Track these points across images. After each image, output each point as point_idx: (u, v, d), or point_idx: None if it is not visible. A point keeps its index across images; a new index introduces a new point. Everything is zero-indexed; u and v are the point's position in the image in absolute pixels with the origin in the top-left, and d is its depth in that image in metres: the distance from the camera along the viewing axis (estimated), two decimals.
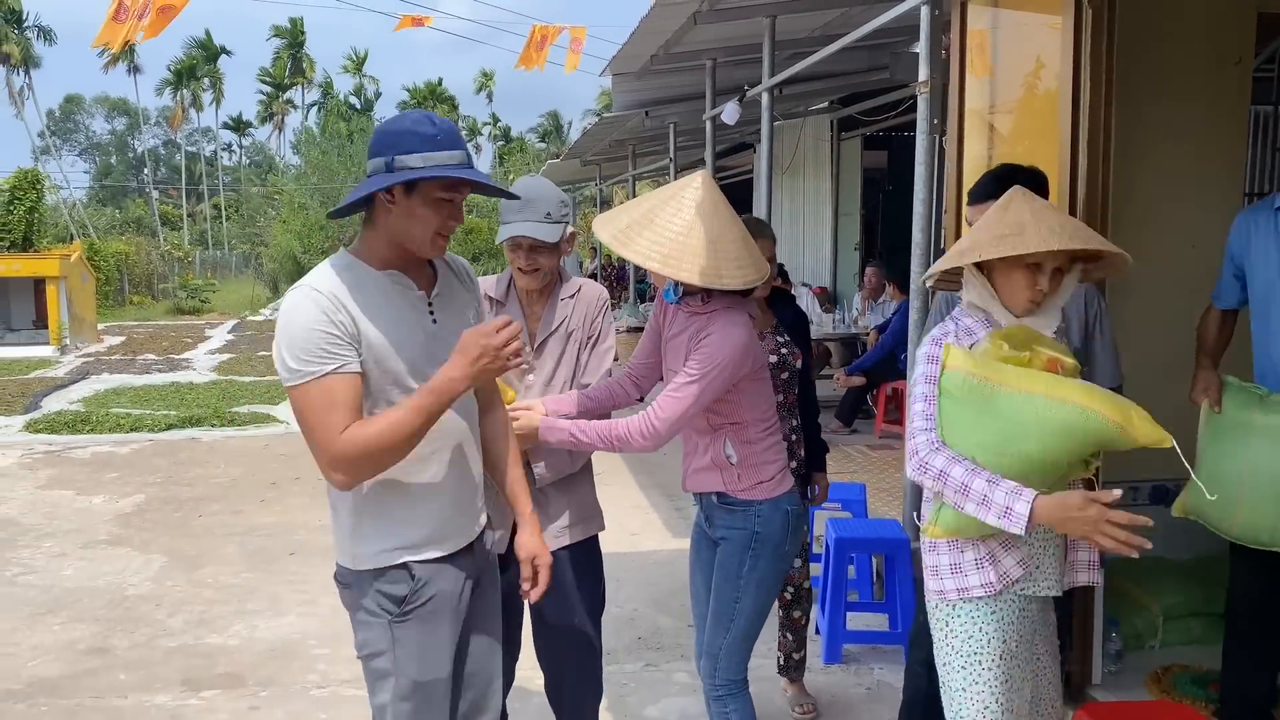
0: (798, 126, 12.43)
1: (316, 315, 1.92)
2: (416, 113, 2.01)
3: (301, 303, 1.93)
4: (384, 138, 1.97)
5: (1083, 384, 2.08)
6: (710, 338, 2.45)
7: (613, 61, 7.56)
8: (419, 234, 2.00)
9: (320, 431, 1.92)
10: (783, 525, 2.61)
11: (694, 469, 2.66)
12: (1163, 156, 3.76)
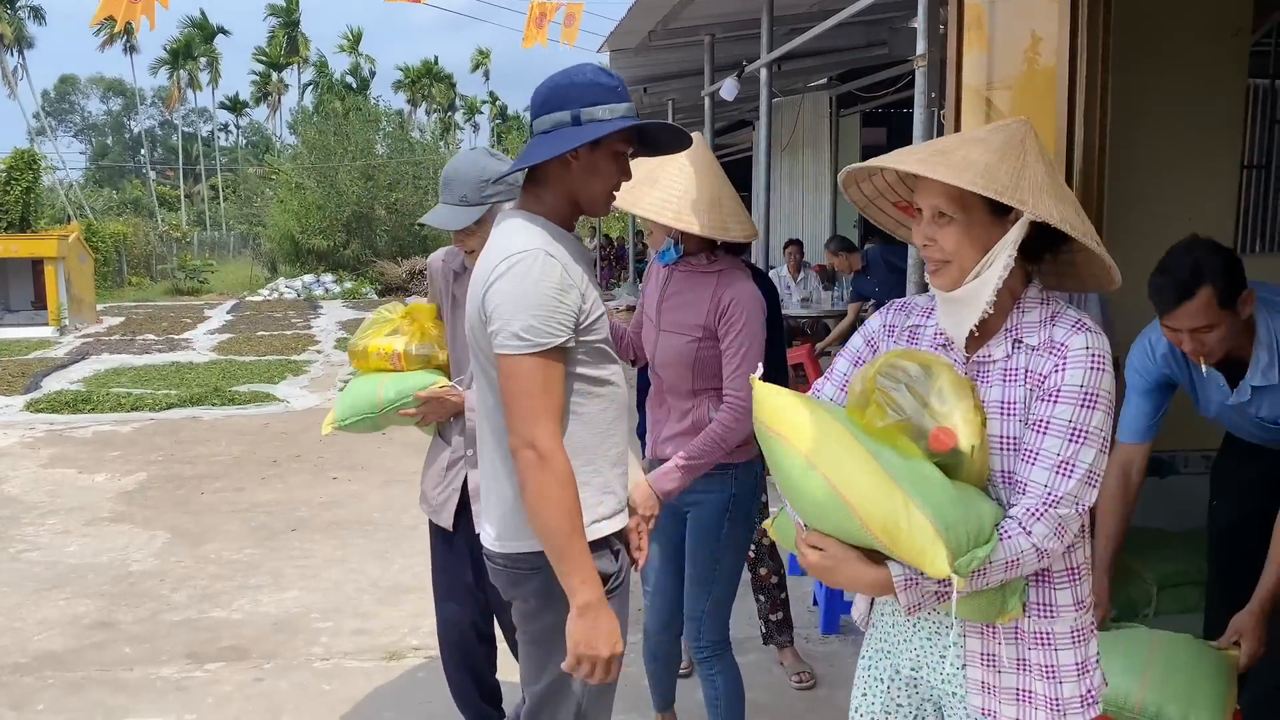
0: (796, 103, 12.39)
1: (556, 285, 1.81)
2: (589, 65, 1.94)
3: (547, 267, 1.81)
4: (564, 90, 1.88)
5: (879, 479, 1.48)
6: (736, 302, 2.50)
7: (610, 37, 7.54)
8: (599, 190, 1.92)
9: (532, 403, 1.79)
10: (754, 487, 2.69)
11: (668, 435, 2.65)
12: (1160, 130, 3.76)
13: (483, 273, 1.88)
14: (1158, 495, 3.89)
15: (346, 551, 5.19)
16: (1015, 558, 1.52)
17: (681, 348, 2.59)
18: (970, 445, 1.52)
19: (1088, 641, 1.66)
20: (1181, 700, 2.26)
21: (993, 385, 1.61)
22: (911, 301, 1.83)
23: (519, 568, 1.95)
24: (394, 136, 29.30)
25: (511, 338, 1.79)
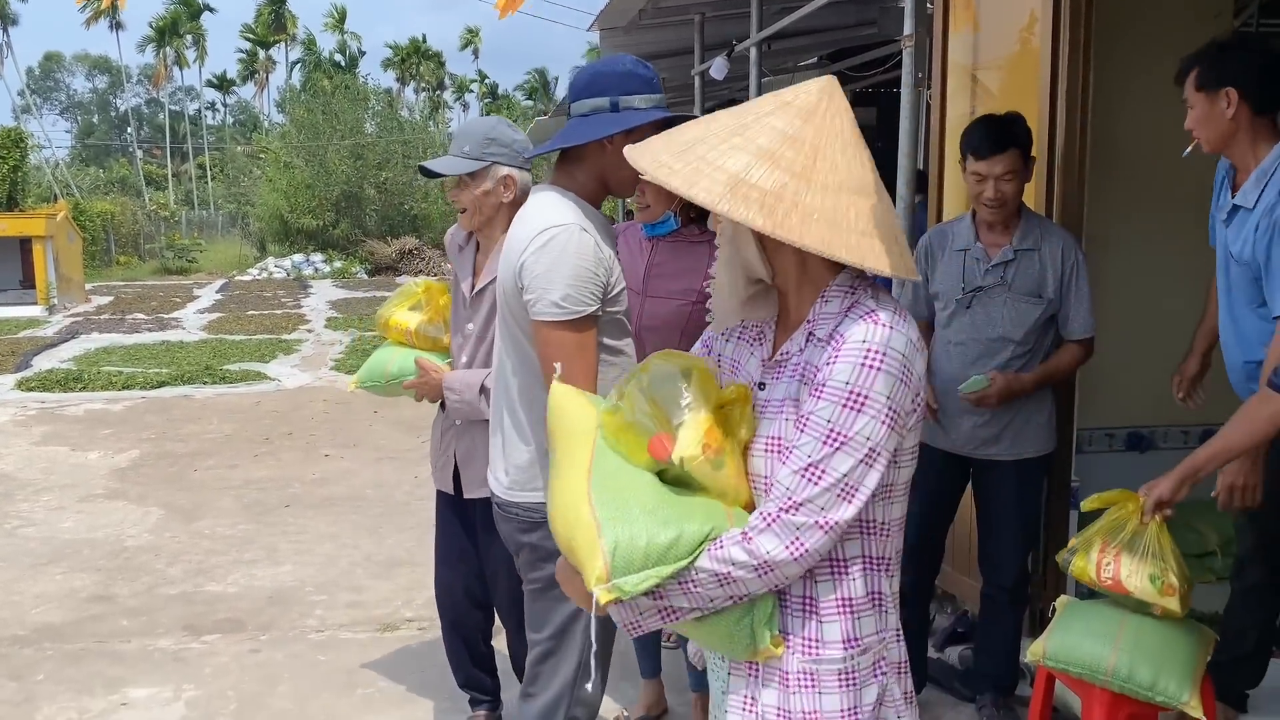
0: (786, 83, 12.37)
1: (593, 256, 1.95)
2: (627, 57, 2.06)
3: (582, 241, 1.94)
4: (604, 78, 2.00)
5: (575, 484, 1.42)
6: None
7: (600, 16, 7.54)
8: (628, 174, 2.00)
9: (569, 367, 1.83)
10: None
11: None
12: (1142, 111, 3.82)
13: (518, 241, 1.99)
14: (1137, 469, 3.97)
15: (339, 526, 5.25)
16: (725, 571, 1.33)
17: (672, 312, 2.72)
18: (680, 458, 1.38)
19: (860, 688, 1.42)
20: (1152, 664, 2.34)
21: (780, 383, 1.44)
22: None
23: (531, 516, 2.07)
24: (383, 115, 29.18)
25: (551, 306, 1.92)
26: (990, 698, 3.12)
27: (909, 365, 1.34)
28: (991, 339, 2.90)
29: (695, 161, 1.35)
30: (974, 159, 2.86)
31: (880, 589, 1.44)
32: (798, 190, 1.31)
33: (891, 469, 1.39)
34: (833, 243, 1.30)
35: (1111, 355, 3.61)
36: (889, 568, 1.45)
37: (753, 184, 1.30)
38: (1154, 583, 2.33)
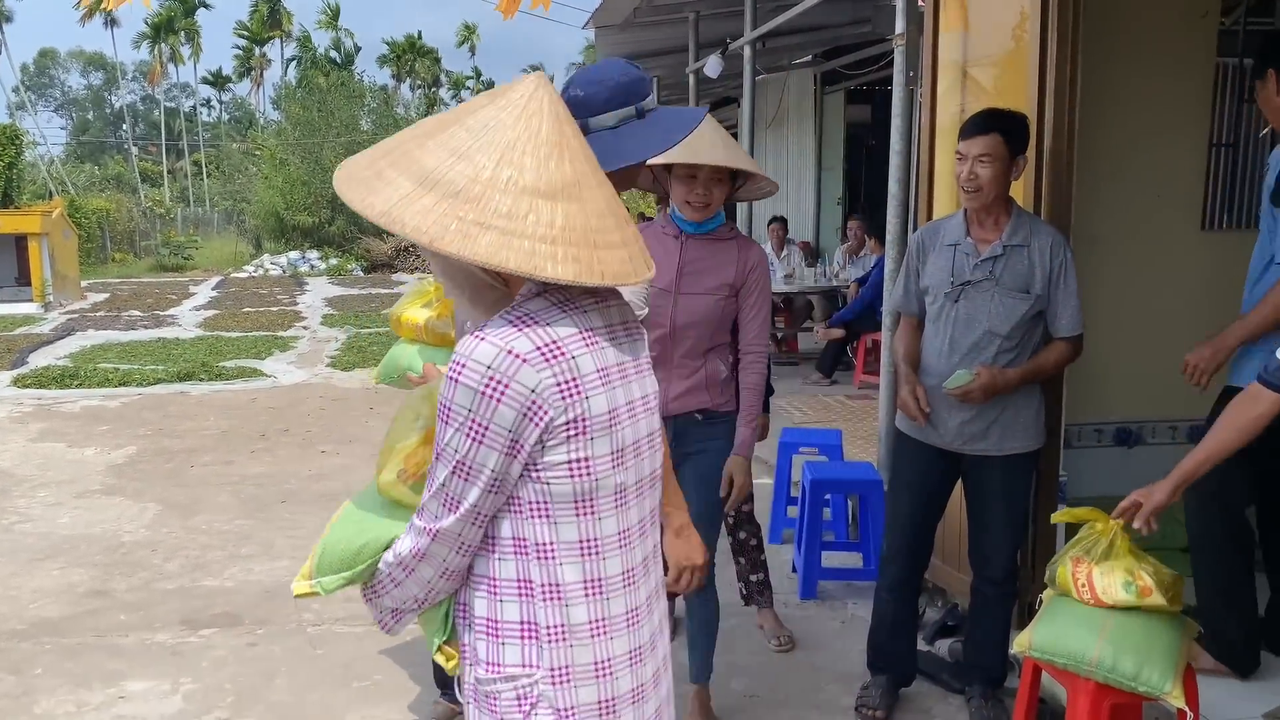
0: (781, 81, 12.43)
1: None
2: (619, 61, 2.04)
3: None
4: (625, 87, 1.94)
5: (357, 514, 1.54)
6: (760, 263, 2.89)
7: (596, 14, 7.58)
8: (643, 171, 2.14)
9: None
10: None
11: (678, 393, 2.88)
12: (1130, 109, 3.86)
13: None
14: (1124, 464, 4.02)
15: None
16: (387, 571, 1.43)
17: (709, 307, 2.86)
18: (379, 483, 1.51)
19: (501, 716, 1.39)
20: (1136, 655, 2.38)
21: None
22: None
23: None
24: (378, 112, 29.15)
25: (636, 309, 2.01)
26: (979, 689, 3.16)
27: (498, 378, 1.28)
28: (978, 334, 2.93)
29: (378, 172, 1.33)
30: (960, 141, 2.95)
31: (535, 619, 1.36)
32: (474, 198, 1.27)
33: (530, 485, 1.34)
34: (502, 252, 1.26)
35: (1100, 351, 3.65)
36: (558, 596, 1.35)
37: (422, 196, 1.27)
38: (1128, 589, 2.41)
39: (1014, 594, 3.18)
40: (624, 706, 1.40)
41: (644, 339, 1.55)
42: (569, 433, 1.32)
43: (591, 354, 1.35)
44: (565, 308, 1.37)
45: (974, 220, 2.99)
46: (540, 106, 1.35)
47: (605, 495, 1.37)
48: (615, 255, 1.34)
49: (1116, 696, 2.44)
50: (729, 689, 3.38)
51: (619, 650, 1.39)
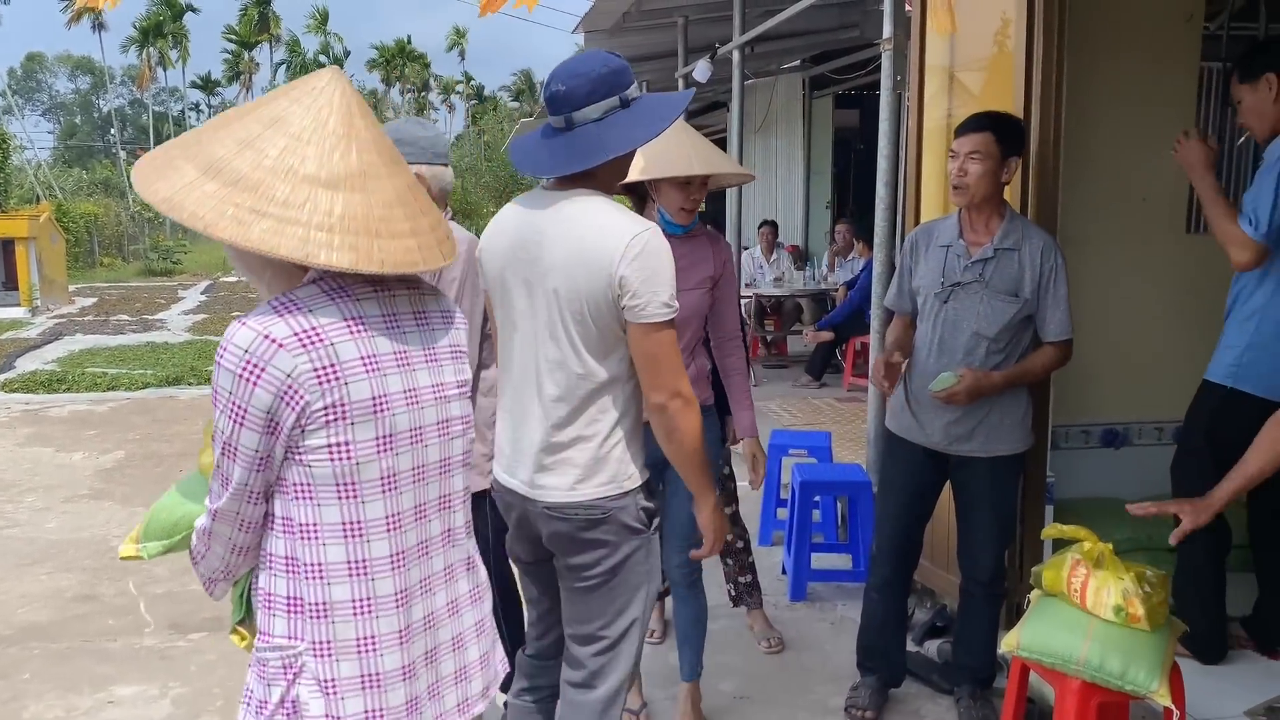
0: (770, 85, 12.47)
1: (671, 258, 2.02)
2: (601, 52, 2.08)
3: (665, 243, 2.00)
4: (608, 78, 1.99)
5: None
6: (730, 255, 3.02)
7: (585, 19, 7.59)
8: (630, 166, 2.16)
9: (675, 361, 2.01)
10: None
11: None
12: (1115, 113, 3.89)
13: (606, 250, 1.95)
14: (1111, 465, 4.05)
15: None
16: (196, 544, 1.50)
17: (697, 301, 2.92)
18: (202, 459, 1.69)
19: (268, 683, 1.43)
20: (1122, 655, 2.40)
21: None
22: None
23: (593, 513, 2.10)
24: None
25: (662, 307, 1.97)
26: (968, 689, 3.17)
27: (254, 362, 1.34)
28: (966, 335, 2.94)
29: (169, 160, 1.37)
30: (954, 139, 2.99)
31: (301, 595, 1.41)
32: (253, 186, 1.32)
33: (294, 468, 1.39)
34: (275, 239, 1.31)
35: (1087, 353, 3.67)
36: (320, 575, 1.41)
37: (205, 183, 1.32)
38: (1118, 614, 2.44)
39: (1002, 595, 3.20)
40: (392, 682, 1.45)
41: (451, 329, 1.58)
42: (327, 417, 1.36)
43: (356, 341, 1.39)
44: (335, 295, 1.41)
45: (967, 222, 3.00)
46: (331, 99, 1.41)
47: (369, 479, 1.41)
48: (400, 244, 1.39)
49: (1104, 695, 2.45)
50: (719, 690, 3.39)
51: (385, 629, 1.44)
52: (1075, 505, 3.80)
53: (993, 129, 2.91)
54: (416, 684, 1.49)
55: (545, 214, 2.05)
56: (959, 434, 2.98)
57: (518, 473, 2.15)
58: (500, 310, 2.15)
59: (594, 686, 2.19)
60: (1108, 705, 2.51)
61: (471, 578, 1.63)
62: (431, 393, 1.49)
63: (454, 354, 1.56)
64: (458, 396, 1.55)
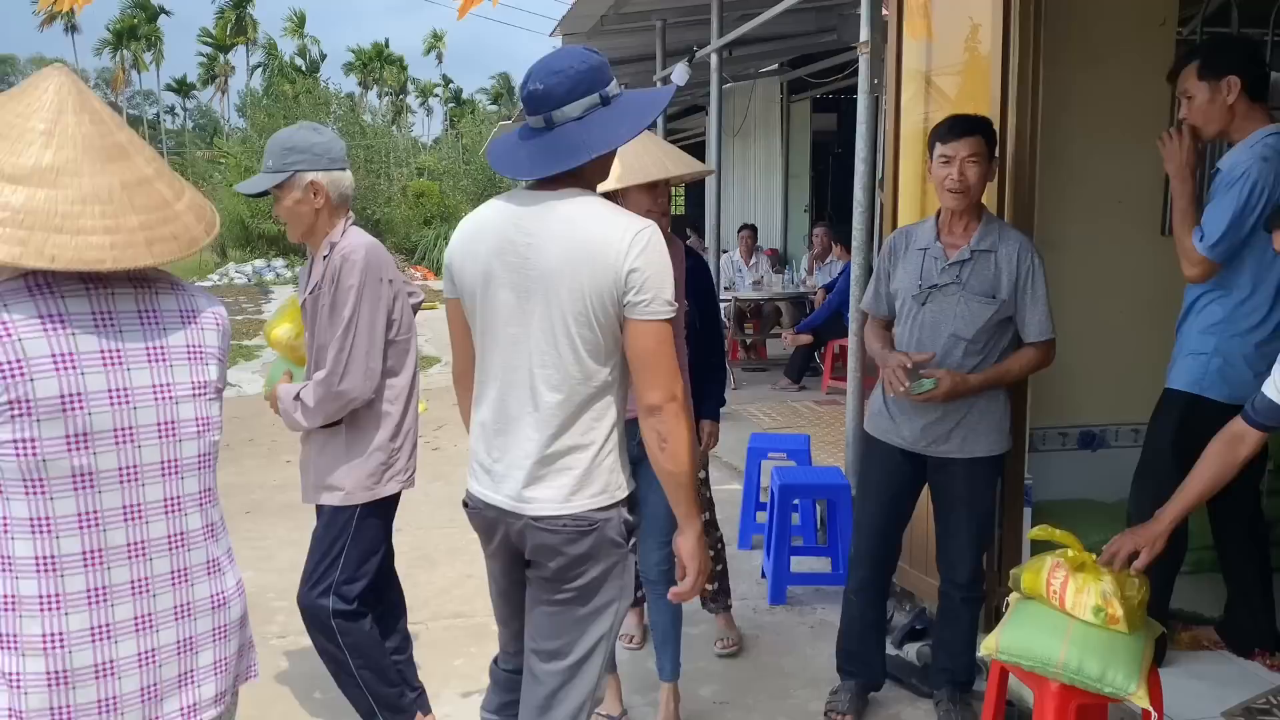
0: (748, 89, 12.49)
1: None
2: (579, 48, 2.03)
3: (663, 240, 1.98)
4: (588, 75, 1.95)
5: None
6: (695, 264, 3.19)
7: (563, 21, 7.58)
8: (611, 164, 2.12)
9: (673, 362, 1.96)
10: None
11: None
12: (1091, 116, 3.91)
13: (609, 246, 1.91)
14: (1088, 468, 4.07)
15: (301, 533, 5.18)
16: None
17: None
18: None
19: None
20: (1100, 657, 2.40)
21: None
22: None
23: (580, 524, 2.02)
24: (345, 120, 28.96)
25: (665, 304, 1.93)
26: (947, 693, 3.17)
27: None
28: (944, 337, 2.95)
29: None
30: (940, 144, 2.96)
31: (7, 591, 1.42)
32: None
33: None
34: None
35: (1063, 355, 3.67)
36: (9, 569, 1.42)
37: None
38: (1097, 615, 2.45)
39: (980, 597, 3.20)
40: (82, 680, 1.45)
41: (191, 328, 1.57)
42: (12, 413, 1.37)
43: (49, 338, 1.40)
44: (37, 291, 1.42)
45: (945, 225, 3.02)
46: (43, 98, 1.44)
47: (59, 477, 1.41)
48: (83, 241, 1.40)
49: (1082, 697, 2.46)
50: (698, 695, 3.37)
51: (75, 626, 1.43)
52: (1053, 507, 3.82)
53: (981, 131, 2.95)
54: (117, 684, 1.48)
55: (534, 214, 1.97)
56: (937, 435, 2.99)
57: (503, 487, 2.06)
58: (480, 316, 2.05)
59: (553, 708, 2.10)
60: (1086, 707, 2.51)
61: (215, 582, 1.62)
62: (152, 393, 1.49)
63: (192, 354, 1.56)
64: (192, 397, 1.55)
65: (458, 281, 2.08)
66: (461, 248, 2.06)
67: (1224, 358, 3.03)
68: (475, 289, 2.03)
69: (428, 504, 5.71)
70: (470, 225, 2.08)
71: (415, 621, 4.06)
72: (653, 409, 1.95)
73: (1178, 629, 3.44)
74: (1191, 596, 3.58)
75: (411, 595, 4.33)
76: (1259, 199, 2.88)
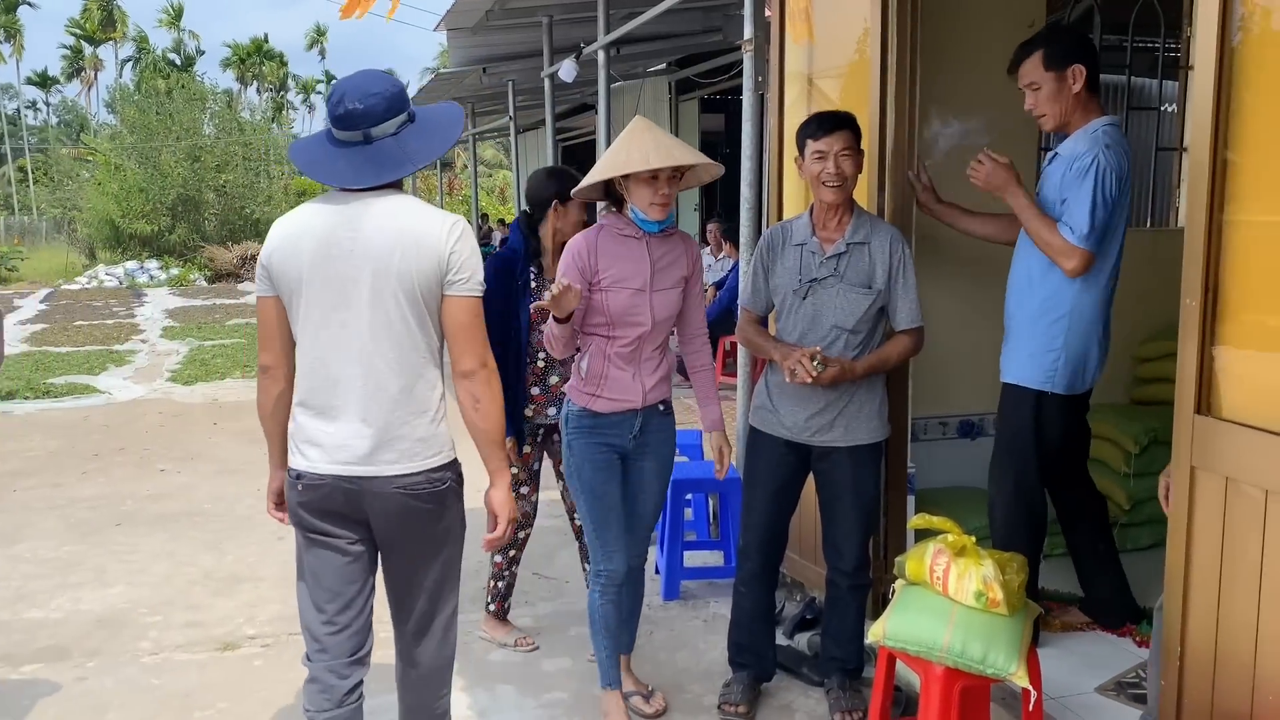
0: (637, 88, 12.53)
1: None
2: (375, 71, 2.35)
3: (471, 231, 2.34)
4: (401, 95, 2.30)
5: None
6: (700, 255, 3.11)
7: (447, 16, 7.44)
8: None
9: (484, 334, 2.31)
10: None
11: (651, 385, 3.03)
12: (966, 116, 4.03)
13: (433, 232, 2.23)
14: (968, 456, 4.19)
15: (177, 544, 4.99)
16: None
17: (675, 300, 3.02)
18: None
19: None
20: (982, 640, 2.47)
21: None
22: None
23: (434, 482, 2.31)
24: (221, 116, 27.94)
25: (478, 284, 2.28)
26: (837, 680, 3.21)
27: None
28: (825, 328, 3.01)
29: None
30: (812, 141, 3.02)
31: None
32: None
33: None
34: None
35: (943, 347, 3.79)
36: None
37: None
38: (979, 600, 2.52)
39: (867, 585, 3.26)
40: None
41: None
42: None
43: None
44: None
45: (819, 221, 3.07)
46: None
47: None
48: None
49: (966, 680, 2.52)
50: (591, 694, 3.34)
51: None
52: (935, 495, 3.92)
53: (850, 126, 3.02)
54: None
55: (357, 211, 2.24)
56: (819, 425, 3.04)
57: (340, 455, 2.26)
58: (305, 309, 2.25)
59: (419, 661, 2.45)
60: (970, 689, 2.58)
61: None
62: None
63: None
64: None
65: (276, 279, 2.29)
66: (283, 247, 2.27)
67: (1069, 351, 3.13)
68: (298, 284, 2.25)
69: None
70: (290, 227, 2.29)
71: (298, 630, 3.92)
72: (468, 374, 2.28)
73: (1052, 610, 3.57)
74: (1065, 578, 3.73)
75: (294, 604, 4.19)
76: (1113, 185, 2.99)
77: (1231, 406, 2.24)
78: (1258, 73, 2.16)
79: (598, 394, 2.98)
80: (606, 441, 3.00)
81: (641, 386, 2.99)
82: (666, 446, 3.13)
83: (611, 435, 3.00)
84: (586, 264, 2.91)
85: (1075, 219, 3.01)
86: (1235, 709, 2.23)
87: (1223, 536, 2.25)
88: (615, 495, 3.03)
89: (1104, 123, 3.07)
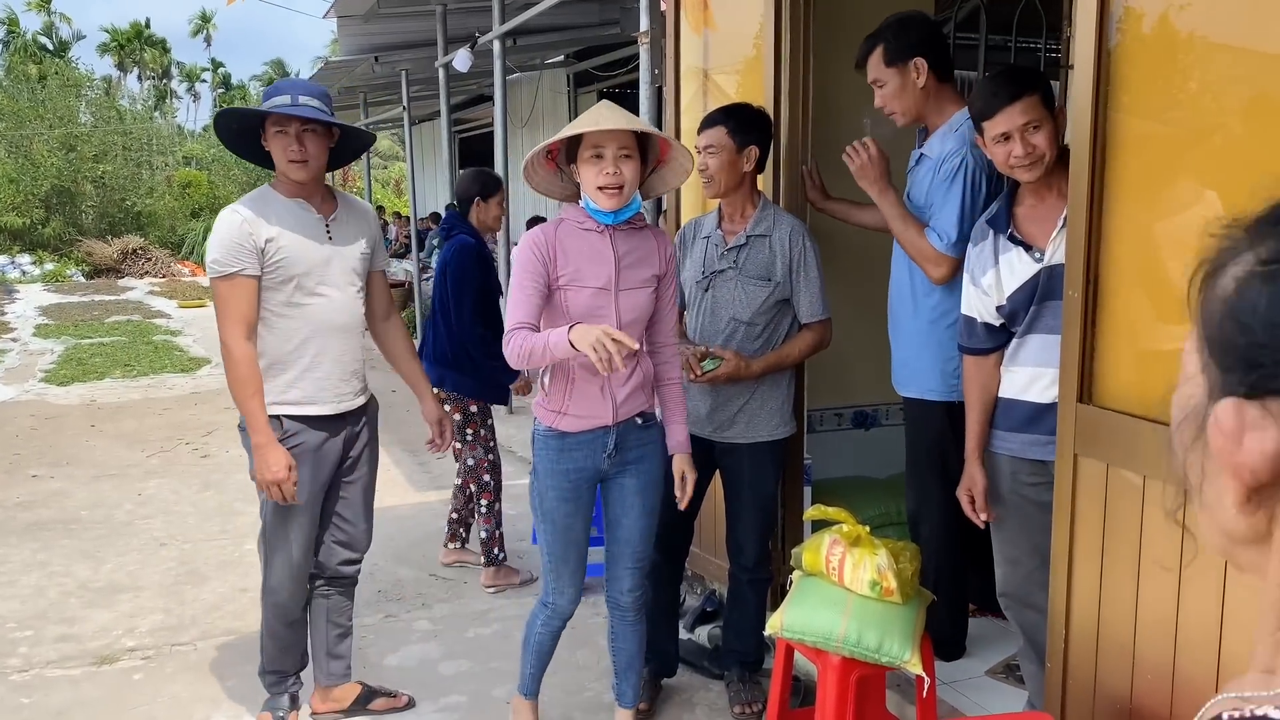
0: (534, 80, 12.41)
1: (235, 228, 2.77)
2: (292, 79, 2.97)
3: (224, 217, 2.80)
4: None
5: None
6: (673, 252, 2.77)
7: (336, 3, 7.23)
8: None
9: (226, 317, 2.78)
10: None
11: (625, 397, 2.65)
12: (858, 114, 4.08)
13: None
14: (862, 446, 4.25)
15: (49, 554, 4.72)
16: None
17: (645, 301, 2.65)
18: None
19: None
20: (877, 629, 2.50)
21: None
22: None
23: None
24: (99, 103, 26.71)
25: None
26: (737, 673, 3.23)
27: None
28: (724, 321, 3.01)
29: None
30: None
31: None
32: None
33: None
34: None
35: (838, 339, 3.82)
36: None
37: None
38: (874, 589, 2.55)
39: (768, 579, 3.28)
40: None
41: None
42: None
43: None
44: None
45: (725, 214, 3.07)
46: None
47: None
48: None
49: (862, 669, 2.55)
50: (491, 697, 3.29)
51: None
52: (831, 485, 3.97)
53: (724, 122, 2.99)
54: None
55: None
56: (721, 421, 3.03)
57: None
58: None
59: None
60: (866, 678, 2.61)
61: None
62: None
63: None
64: None
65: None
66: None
67: (958, 361, 3.04)
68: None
69: (196, 515, 5.31)
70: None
71: (182, 642, 3.76)
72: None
73: None
74: None
75: (179, 613, 4.02)
76: (983, 183, 2.91)
77: (1112, 395, 2.32)
78: (1133, 73, 2.22)
79: (563, 410, 2.64)
80: (577, 466, 2.66)
81: (612, 400, 2.62)
82: (651, 460, 2.75)
83: (582, 458, 2.66)
84: (545, 257, 2.55)
85: (943, 225, 2.90)
86: (1116, 688, 2.31)
87: (1104, 522, 2.32)
88: (579, 530, 2.74)
89: (966, 116, 2.84)
